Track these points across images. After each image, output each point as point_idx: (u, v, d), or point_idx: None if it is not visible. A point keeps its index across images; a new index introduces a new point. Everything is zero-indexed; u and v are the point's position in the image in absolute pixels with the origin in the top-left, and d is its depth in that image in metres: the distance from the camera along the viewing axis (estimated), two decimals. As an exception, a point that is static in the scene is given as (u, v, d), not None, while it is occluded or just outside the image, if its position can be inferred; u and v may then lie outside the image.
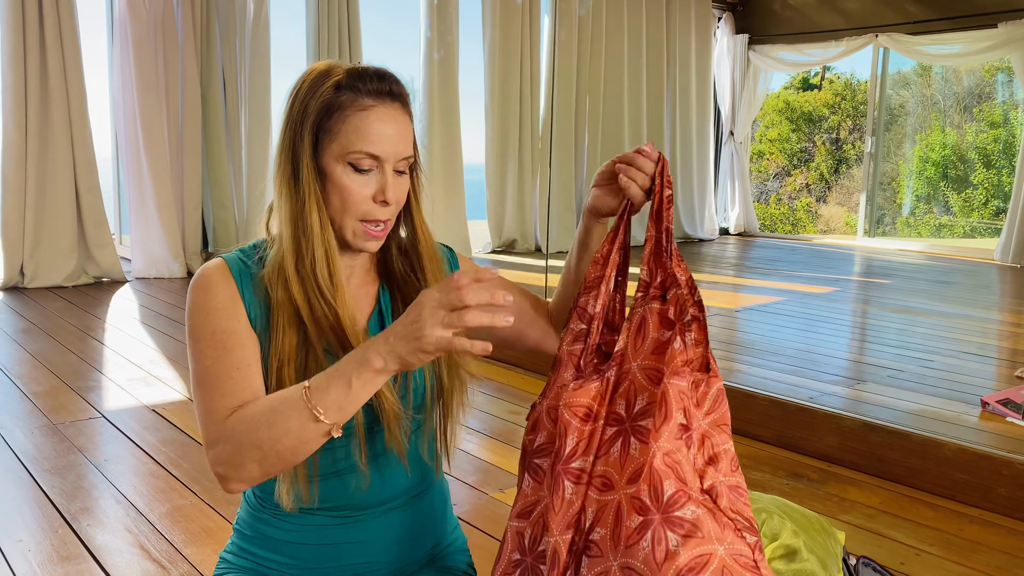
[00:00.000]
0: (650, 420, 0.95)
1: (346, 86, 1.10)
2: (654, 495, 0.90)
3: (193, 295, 1.12)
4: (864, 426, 2.59)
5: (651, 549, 0.87)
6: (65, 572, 1.90)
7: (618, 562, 0.90)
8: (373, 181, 1.11)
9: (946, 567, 2.01)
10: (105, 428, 2.88)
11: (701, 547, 0.87)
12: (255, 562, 1.23)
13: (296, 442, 0.98)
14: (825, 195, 14.76)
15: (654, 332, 1.04)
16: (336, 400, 0.97)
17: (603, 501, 0.96)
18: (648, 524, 0.89)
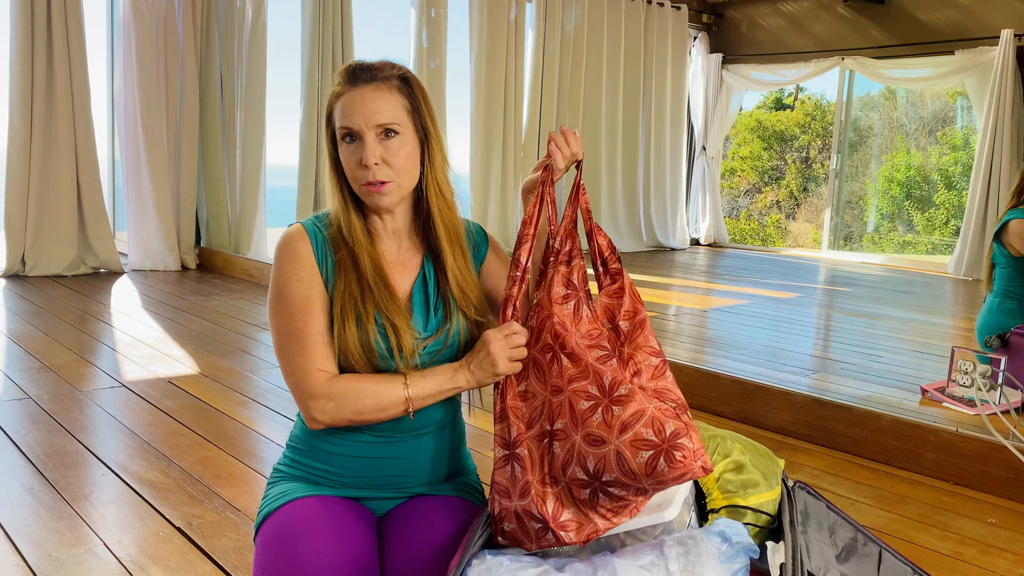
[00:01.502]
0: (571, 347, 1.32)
1: (338, 81, 1.43)
2: (599, 387, 1.27)
3: (279, 262, 1.42)
4: (813, 401, 2.93)
5: (602, 418, 1.25)
6: (117, 508, 2.18)
7: (579, 435, 1.26)
8: (356, 150, 1.40)
9: (876, 514, 2.34)
10: (128, 395, 3.15)
11: (636, 406, 1.24)
12: (306, 471, 1.52)
13: (385, 416, 1.39)
14: (794, 212, 15.18)
15: (557, 287, 1.38)
16: (424, 402, 1.39)
17: (556, 402, 1.31)
18: (597, 405, 1.26)
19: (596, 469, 1.24)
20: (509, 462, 1.34)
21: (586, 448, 1.25)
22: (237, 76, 6.61)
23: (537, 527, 1.29)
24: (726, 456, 1.62)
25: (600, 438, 1.24)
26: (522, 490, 1.31)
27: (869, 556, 1.68)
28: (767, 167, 15.17)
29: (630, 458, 1.22)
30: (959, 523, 2.30)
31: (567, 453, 1.28)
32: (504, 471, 1.34)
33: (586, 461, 1.25)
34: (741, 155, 15.13)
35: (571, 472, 1.27)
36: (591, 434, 1.25)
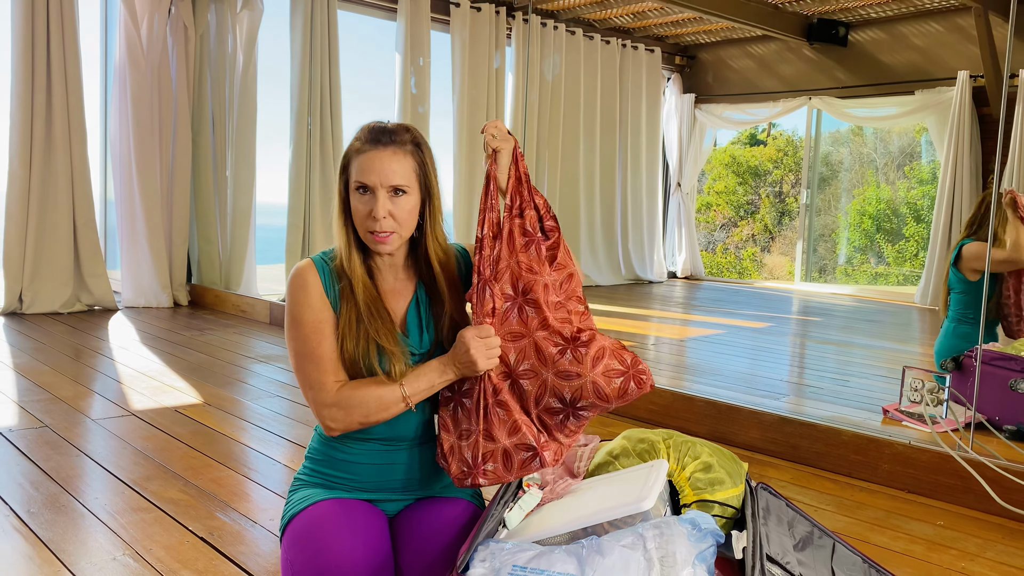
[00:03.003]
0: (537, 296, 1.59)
1: (360, 139, 1.64)
2: (561, 337, 1.56)
3: (292, 292, 1.65)
4: (780, 420, 3.16)
5: (572, 357, 1.55)
6: (141, 519, 2.37)
7: (551, 372, 1.56)
8: (368, 202, 1.60)
9: (836, 518, 2.57)
10: (138, 423, 3.33)
11: (597, 345, 1.55)
12: (324, 478, 1.73)
13: (389, 414, 1.60)
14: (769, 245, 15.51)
15: (518, 238, 1.62)
16: (420, 395, 1.59)
17: (518, 346, 1.58)
18: (565, 350, 1.56)
19: (572, 398, 1.56)
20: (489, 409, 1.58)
21: (560, 382, 1.55)
22: (228, 119, 6.85)
23: (526, 456, 1.56)
24: (696, 458, 1.85)
25: (574, 373, 1.54)
26: (511, 428, 1.56)
27: (823, 547, 1.90)
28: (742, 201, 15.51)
29: (604, 385, 1.54)
30: (910, 525, 2.54)
31: (539, 388, 1.57)
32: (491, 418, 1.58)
33: (562, 392, 1.56)
34: (716, 190, 15.47)
35: (545, 403, 1.57)
36: (565, 371, 1.55)
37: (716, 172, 15.35)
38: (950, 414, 3.29)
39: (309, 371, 1.61)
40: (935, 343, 4.10)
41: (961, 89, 7.64)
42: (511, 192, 1.66)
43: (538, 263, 1.62)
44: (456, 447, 1.61)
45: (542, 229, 1.67)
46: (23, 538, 2.20)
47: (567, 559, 1.43)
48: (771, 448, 3.17)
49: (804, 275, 9.89)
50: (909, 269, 13.14)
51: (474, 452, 1.58)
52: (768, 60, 9.24)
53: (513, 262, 1.62)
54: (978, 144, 7.77)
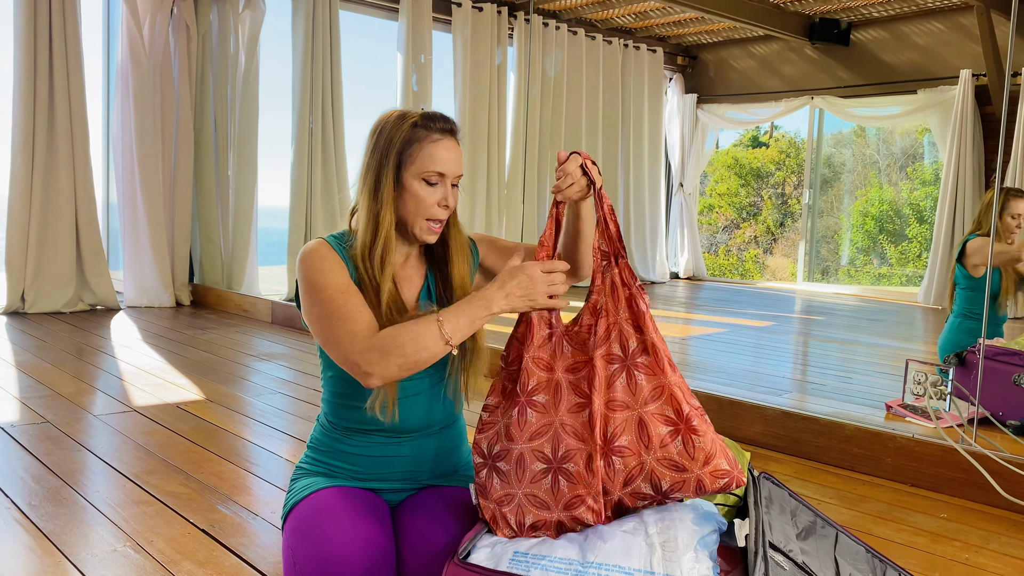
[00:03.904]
0: (648, 358, 1.41)
1: (421, 125, 1.59)
2: (678, 413, 1.39)
3: (309, 263, 1.59)
4: (783, 414, 3.15)
5: (683, 447, 1.38)
6: (143, 512, 2.36)
7: (652, 457, 1.38)
8: (439, 192, 1.59)
9: (840, 511, 2.56)
10: (140, 419, 3.33)
11: (709, 438, 1.39)
12: (326, 467, 1.73)
13: (429, 354, 1.46)
14: (771, 247, 15.49)
15: (621, 291, 1.45)
16: (460, 330, 1.47)
17: (621, 417, 1.40)
18: (676, 432, 1.38)
19: (669, 488, 1.39)
20: (552, 473, 1.41)
21: (664, 471, 1.38)
22: (230, 119, 6.86)
23: (581, 528, 1.44)
24: (698, 447, 1.84)
25: (683, 466, 1.38)
26: (569, 503, 1.41)
27: (826, 536, 1.89)
28: (744, 203, 15.50)
29: (709, 484, 1.39)
30: (914, 518, 2.53)
31: (634, 471, 1.39)
32: (541, 484, 1.42)
33: (660, 481, 1.39)
34: (719, 192, 15.46)
35: (635, 487, 1.40)
36: (671, 460, 1.38)
37: (718, 174, 15.34)
38: (953, 409, 3.28)
39: (337, 328, 1.51)
40: (939, 338, 4.09)
41: (963, 88, 7.63)
42: (603, 235, 1.48)
43: (643, 320, 1.43)
44: (499, 515, 1.47)
45: None
46: (24, 530, 2.20)
47: (568, 545, 1.43)
48: (774, 443, 3.17)
49: (807, 275, 9.88)
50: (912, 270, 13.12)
51: (519, 519, 1.45)
52: (770, 60, 9.24)
53: (619, 319, 1.44)
54: (981, 143, 7.76)
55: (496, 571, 1.37)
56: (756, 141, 15.63)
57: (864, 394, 4.05)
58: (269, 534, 2.23)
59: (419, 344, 1.45)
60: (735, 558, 1.62)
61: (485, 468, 1.48)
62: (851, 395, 4.02)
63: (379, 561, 1.55)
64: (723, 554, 1.59)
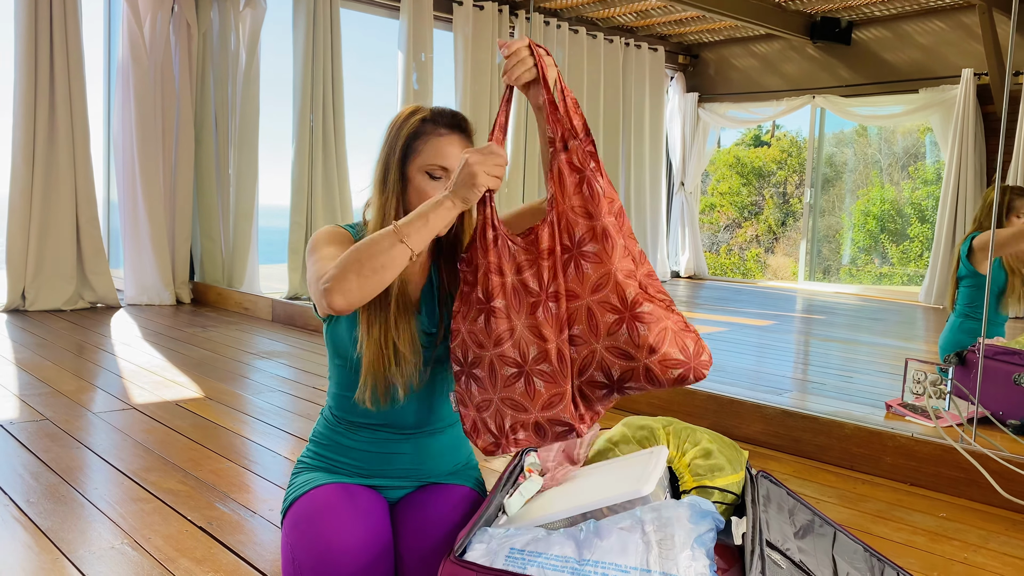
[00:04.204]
0: (596, 246, 1.38)
1: (429, 120, 1.60)
2: (622, 300, 1.36)
3: (319, 234, 1.63)
4: (782, 413, 3.14)
5: (628, 336, 1.36)
6: (140, 509, 2.36)
7: (601, 345, 1.37)
8: (441, 186, 1.59)
9: (838, 510, 2.56)
10: (139, 416, 3.33)
11: (659, 326, 1.36)
12: (327, 462, 1.72)
13: (387, 259, 1.40)
14: (773, 246, 15.49)
15: (569, 177, 1.42)
16: (417, 229, 1.42)
17: (572, 307, 1.39)
18: (622, 320, 1.36)
19: (621, 376, 1.38)
20: (524, 376, 1.42)
21: (611, 359, 1.37)
22: (231, 117, 6.86)
23: (561, 430, 1.44)
24: (696, 445, 1.84)
25: (629, 354, 1.36)
26: (548, 402, 1.41)
27: (824, 535, 1.89)
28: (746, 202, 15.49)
29: (660, 374, 1.36)
30: (913, 517, 2.52)
31: (586, 359, 1.39)
32: (515, 387, 1.43)
33: (610, 369, 1.38)
34: (720, 191, 15.45)
35: (589, 375, 1.39)
36: (618, 348, 1.36)
37: (720, 173, 15.34)
38: (953, 408, 3.28)
39: (313, 268, 1.52)
40: (940, 338, 4.08)
41: (965, 87, 7.62)
42: (548, 120, 1.44)
43: (594, 204, 1.39)
44: (479, 421, 1.50)
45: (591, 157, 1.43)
46: (22, 527, 2.19)
47: (565, 542, 1.42)
48: (773, 441, 3.16)
49: (808, 275, 9.87)
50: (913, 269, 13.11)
51: (498, 422, 1.47)
52: (771, 59, 9.23)
53: (567, 207, 1.41)
54: (982, 142, 7.75)
55: (492, 568, 1.37)
56: (758, 140, 15.62)
57: (865, 393, 4.05)
58: (267, 532, 2.22)
59: (374, 249, 1.41)
60: (732, 556, 1.62)
61: (463, 376, 1.50)
62: (852, 394, 4.02)
63: (377, 557, 1.55)
64: (720, 552, 1.59)
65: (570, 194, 1.41)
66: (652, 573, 1.36)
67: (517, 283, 1.44)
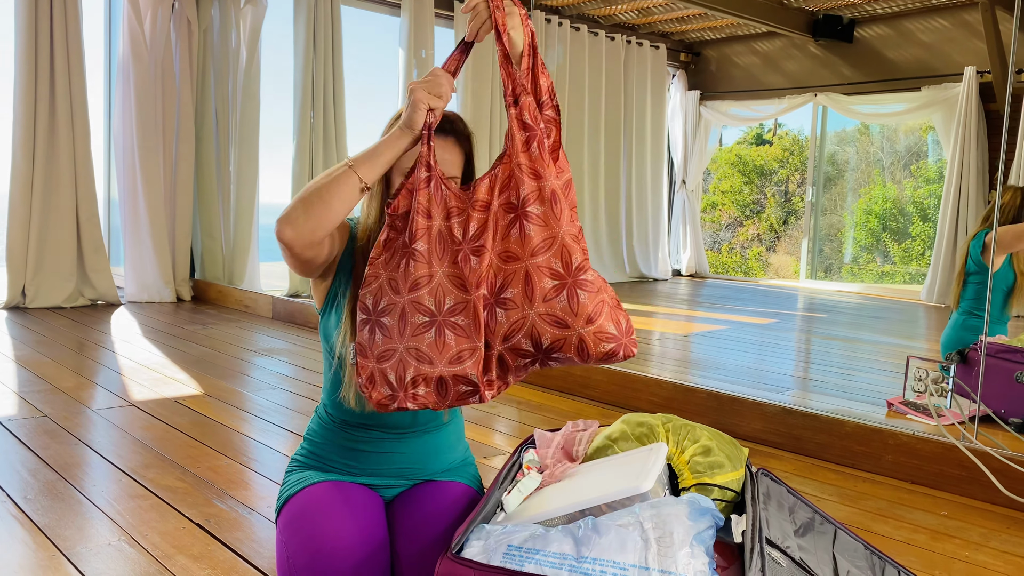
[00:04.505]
0: (542, 207, 1.33)
1: None
2: (566, 265, 1.31)
3: None
4: (782, 411, 3.13)
5: (567, 302, 1.30)
6: (138, 506, 2.35)
7: (534, 311, 1.31)
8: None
9: (839, 508, 2.54)
10: (138, 413, 3.32)
11: (598, 297, 1.32)
12: (322, 461, 1.71)
13: (335, 187, 1.39)
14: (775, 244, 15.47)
15: (517, 133, 1.37)
16: (367, 157, 1.42)
17: (510, 269, 1.33)
18: (563, 286, 1.31)
19: (550, 346, 1.32)
20: (436, 326, 1.35)
21: (545, 327, 1.31)
22: (232, 114, 6.85)
23: (465, 389, 1.37)
24: (695, 442, 1.83)
25: (564, 322, 1.30)
26: (456, 356, 1.35)
27: (825, 533, 1.88)
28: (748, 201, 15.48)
29: (592, 346, 1.31)
30: (914, 515, 2.51)
31: (515, 324, 1.32)
32: (424, 337, 1.35)
33: (541, 338, 1.31)
34: (722, 189, 15.44)
35: (516, 342, 1.33)
36: (554, 316, 1.30)
37: (722, 171, 15.32)
38: (955, 406, 3.27)
39: None
40: (942, 335, 4.07)
41: (968, 85, 7.60)
42: (502, 75, 1.41)
43: (543, 164, 1.35)
44: (377, 372, 1.41)
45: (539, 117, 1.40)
46: (20, 524, 2.19)
47: (563, 539, 1.41)
48: (773, 439, 3.15)
49: (810, 273, 9.85)
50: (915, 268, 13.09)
51: (399, 373, 1.38)
52: (773, 57, 9.21)
53: (514, 164, 1.37)
54: (985, 140, 7.73)
55: (489, 566, 1.36)
56: (759, 139, 15.60)
57: (866, 391, 4.03)
58: (265, 529, 2.22)
59: (326, 178, 1.41)
60: (732, 554, 1.60)
61: (368, 325, 1.42)
62: (852, 392, 4.00)
63: (372, 554, 1.54)
64: (719, 550, 1.58)
65: (518, 151, 1.36)
66: (651, 571, 1.34)
67: (444, 228, 1.38)
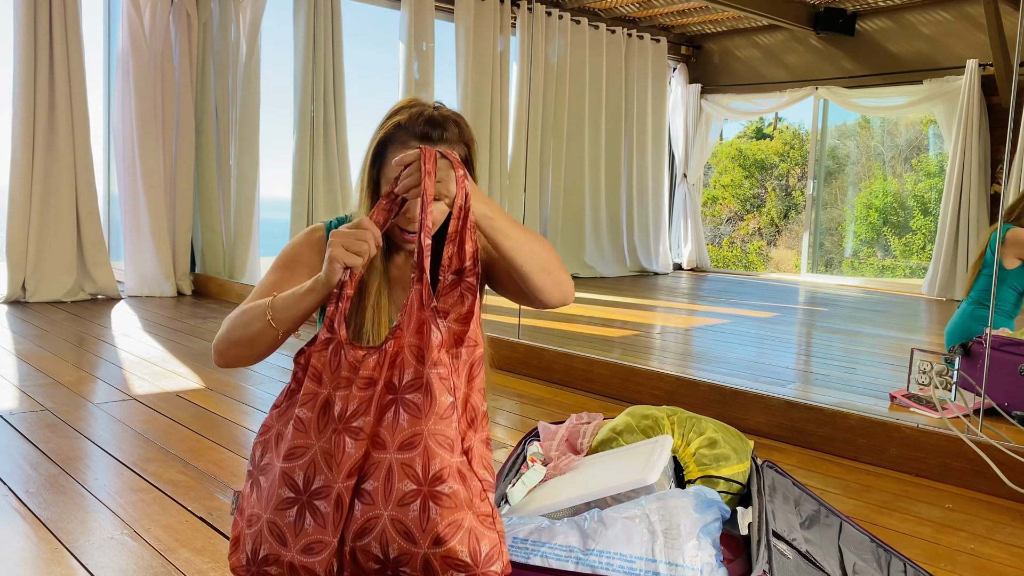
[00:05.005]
0: (419, 396, 1.17)
1: (404, 127, 1.43)
2: (424, 470, 1.13)
3: (287, 247, 1.55)
4: (786, 404, 3.12)
5: (418, 513, 1.12)
6: (140, 500, 2.35)
7: (388, 513, 1.13)
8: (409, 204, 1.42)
9: (843, 501, 2.54)
10: (139, 407, 3.31)
11: (455, 515, 1.12)
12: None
13: (254, 334, 1.35)
14: (775, 239, 15.46)
15: (415, 312, 1.21)
16: (286, 307, 1.33)
17: (376, 458, 1.16)
18: (418, 493, 1.12)
19: (396, 559, 1.14)
20: (299, 506, 1.18)
21: (393, 535, 1.13)
22: (232, 108, 6.83)
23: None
24: (701, 434, 1.82)
25: (412, 535, 1.12)
26: (307, 546, 1.17)
27: (830, 526, 1.87)
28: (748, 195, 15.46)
29: (439, 571, 1.13)
30: (918, 508, 2.50)
31: (368, 521, 1.15)
32: (286, 514, 1.19)
33: (388, 548, 1.14)
34: (723, 183, 15.42)
35: (366, 543, 1.15)
36: (404, 524, 1.13)
37: (722, 166, 15.30)
38: (959, 399, 3.26)
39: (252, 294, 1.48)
40: (948, 324, 4.05)
41: (970, 78, 7.58)
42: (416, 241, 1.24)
43: (426, 347, 1.19)
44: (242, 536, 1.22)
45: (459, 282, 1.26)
46: (21, 518, 2.18)
47: (569, 531, 1.40)
48: (777, 432, 3.14)
49: (811, 267, 9.84)
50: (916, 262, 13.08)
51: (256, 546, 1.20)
52: (774, 50, 9.19)
53: (405, 343, 1.20)
54: (987, 134, 7.71)
55: (495, 558, 1.35)
56: (760, 133, 15.57)
57: (868, 385, 4.02)
58: (268, 522, 2.20)
59: (246, 319, 1.36)
60: (738, 546, 1.60)
61: (250, 479, 1.26)
62: (855, 386, 3.99)
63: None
64: (725, 542, 1.57)
65: (411, 331, 1.20)
66: (658, 563, 1.34)
67: (330, 399, 1.23)
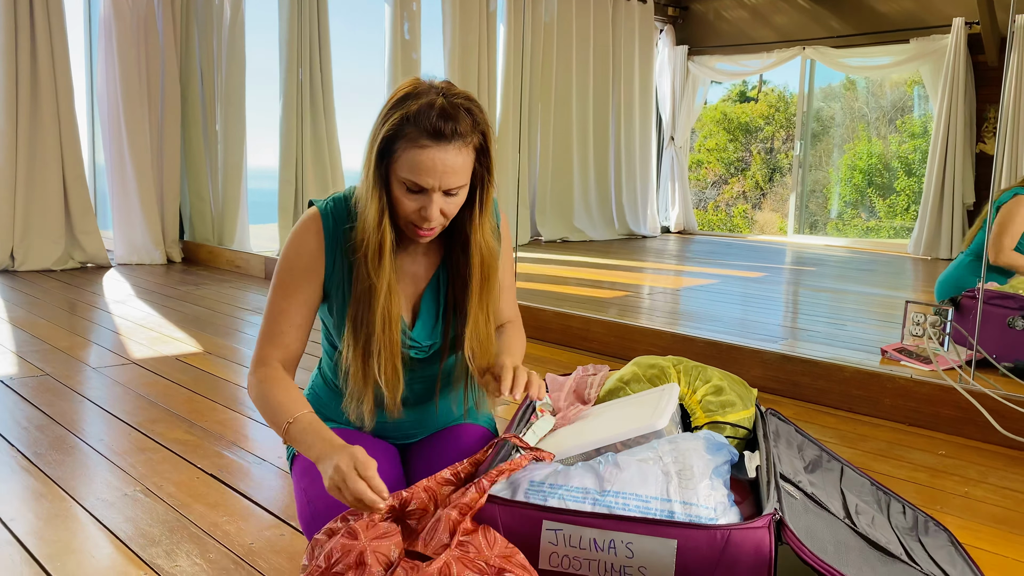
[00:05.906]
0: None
1: (411, 121, 1.36)
2: None
3: (288, 244, 1.54)
4: (781, 358, 3.17)
5: None
6: (150, 459, 2.37)
7: None
8: (420, 201, 1.40)
9: (840, 450, 2.59)
10: (139, 371, 3.32)
11: None
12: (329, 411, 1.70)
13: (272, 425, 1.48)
14: (760, 202, 15.51)
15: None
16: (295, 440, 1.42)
17: None
18: None
19: None
20: None
21: None
22: (217, 72, 6.76)
23: None
24: (707, 382, 1.86)
25: None
26: None
27: (832, 470, 1.92)
28: (733, 159, 15.48)
29: None
30: (912, 455, 2.56)
31: None
32: None
33: None
34: (707, 147, 15.42)
35: None
36: None
37: (707, 129, 15.29)
38: (952, 351, 3.31)
39: (264, 328, 1.56)
40: (940, 275, 4.09)
41: (956, 36, 7.59)
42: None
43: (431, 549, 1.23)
44: None
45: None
46: (32, 477, 2.20)
47: (584, 474, 1.44)
48: (772, 385, 3.19)
49: (797, 228, 9.90)
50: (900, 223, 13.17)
51: None
52: (762, 10, 9.16)
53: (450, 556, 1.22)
54: (972, 92, 7.74)
55: (513, 500, 1.38)
56: (743, 96, 15.55)
57: (858, 340, 4.08)
58: (276, 477, 2.24)
59: (269, 419, 1.48)
60: (744, 490, 1.64)
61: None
62: (845, 341, 4.05)
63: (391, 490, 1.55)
64: (734, 487, 1.61)
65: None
66: (673, 502, 1.37)
67: None
